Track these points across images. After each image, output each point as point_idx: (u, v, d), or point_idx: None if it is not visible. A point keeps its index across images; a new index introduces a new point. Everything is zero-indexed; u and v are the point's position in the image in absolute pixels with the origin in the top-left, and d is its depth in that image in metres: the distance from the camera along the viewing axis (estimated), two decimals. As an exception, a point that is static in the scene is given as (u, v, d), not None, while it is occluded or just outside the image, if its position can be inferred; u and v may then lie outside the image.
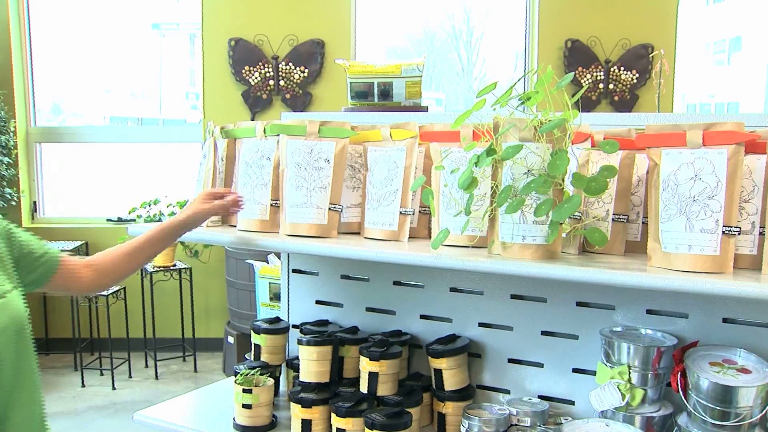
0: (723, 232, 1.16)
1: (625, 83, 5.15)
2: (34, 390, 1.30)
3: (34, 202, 5.33)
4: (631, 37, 5.11)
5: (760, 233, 1.24)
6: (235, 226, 1.73)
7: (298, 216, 1.59)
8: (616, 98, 5.17)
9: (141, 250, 1.53)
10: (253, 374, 1.77)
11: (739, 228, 1.19)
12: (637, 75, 5.14)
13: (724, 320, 1.50)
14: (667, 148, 1.23)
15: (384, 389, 1.66)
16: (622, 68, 5.13)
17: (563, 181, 1.24)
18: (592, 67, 5.12)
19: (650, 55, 5.06)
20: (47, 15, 5.38)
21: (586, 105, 5.08)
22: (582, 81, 5.11)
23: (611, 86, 5.16)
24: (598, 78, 5.14)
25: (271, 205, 1.65)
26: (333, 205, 1.59)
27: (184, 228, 1.57)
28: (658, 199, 1.23)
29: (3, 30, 5.06)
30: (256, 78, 5.03)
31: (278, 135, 1.64)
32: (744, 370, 1.36)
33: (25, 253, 1.37)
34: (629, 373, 1.45)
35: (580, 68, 5.11)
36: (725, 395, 1.31)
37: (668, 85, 4.90)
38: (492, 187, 1.32)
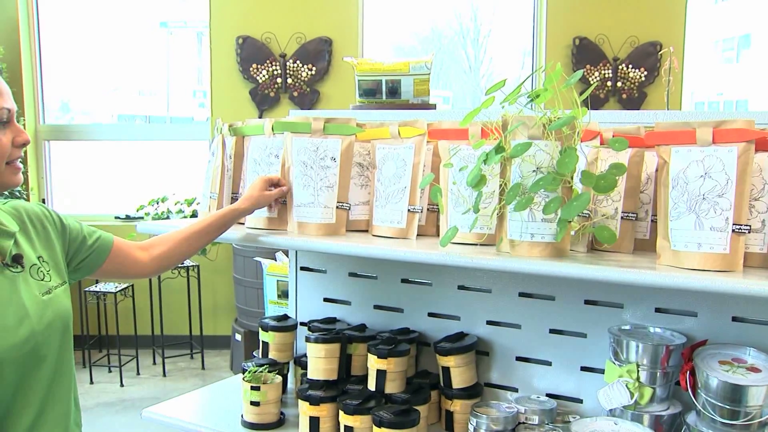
0: (733, 230, 1.15)
1: (633, 81, 5.13)
2: (70, 386, 1.30)
3: (43, 200, 5.36)
4: (639, 35, 5.09)
5: (771, 231, 1.24)
6: (243, 224, 1.74)
7: (305, 215, 1.59)
8: (624, 96, 5.15)
9: (201, 234, 1.55)
10: (261, 371, 1.78)
11: (749, 226, 1.19)
12: (646, 73, 5.12)
13: (734, 319, 1.49)
14: (676, 146, 1.22)
15: (392, 387, 1.66)
16: (630, 66, 5.11)
17: (572, 178, 1.24)
18: (601, 64, 5.11)
19: (659, 53, 5.04)
20: (56, 14, 5.40)
21: (595, 103, 5.06)
22: (590, 79, 5.09)
23: (619, 84, 5.13)
24: (607, 76, 5.12)
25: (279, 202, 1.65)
26: (341, 204, 1.59)
27: (243, 214, 1.60)
28: (668, 196, 1.23)
29: (12, 29, 5.08)
30: (264, 76, 5.04)
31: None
32: (754, 369, 1.35)
33: (79, 243, 1.40)
34: (638, 371, 1.45)
35: (588, 66, 5.09)
36: (735, 394, 1.30)
37: (677, 82, 4.88)
38: (500, 185, 1.31)
